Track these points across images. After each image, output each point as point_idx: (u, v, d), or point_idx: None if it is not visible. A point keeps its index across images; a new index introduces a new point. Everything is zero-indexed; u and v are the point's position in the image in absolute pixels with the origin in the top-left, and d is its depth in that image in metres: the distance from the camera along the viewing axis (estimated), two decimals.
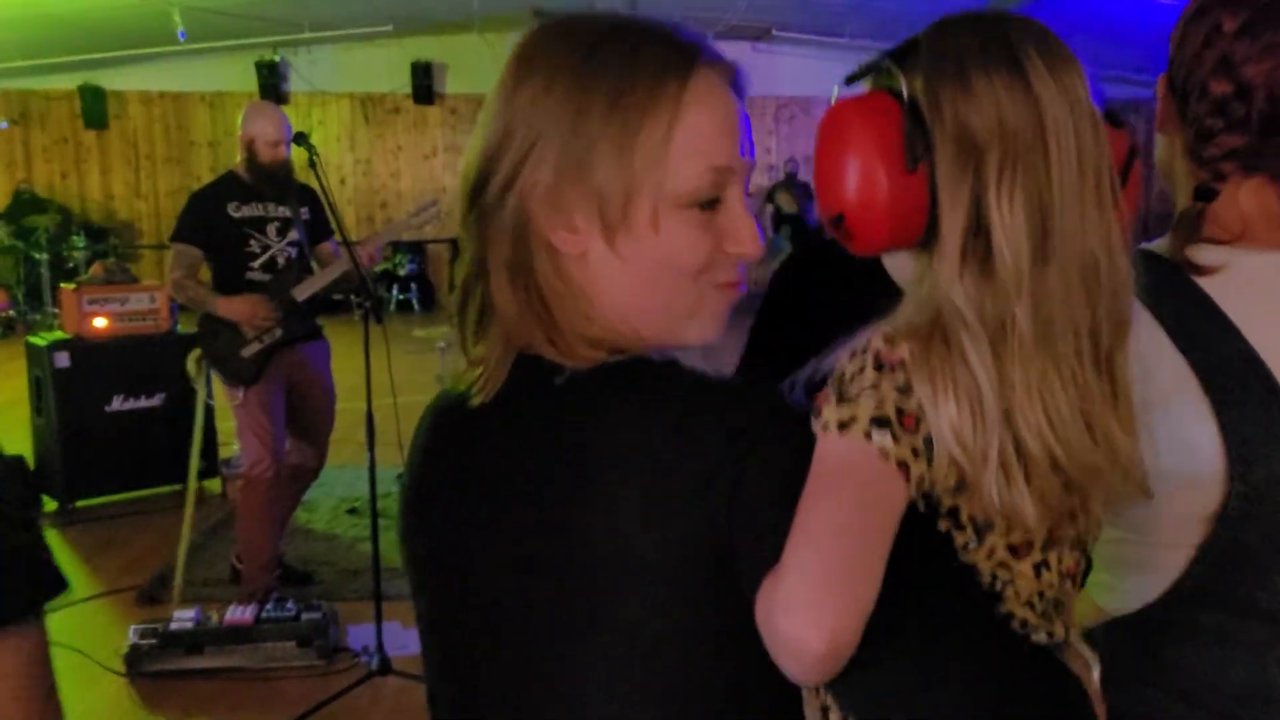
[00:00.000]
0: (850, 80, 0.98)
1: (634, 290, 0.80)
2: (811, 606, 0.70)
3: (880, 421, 0.79)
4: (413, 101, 12.74)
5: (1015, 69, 0.84)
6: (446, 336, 4.92)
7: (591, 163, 0.77)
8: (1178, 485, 0.99)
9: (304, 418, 3.73)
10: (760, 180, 12.11)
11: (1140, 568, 1.07)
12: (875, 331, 0.85)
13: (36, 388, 4.88)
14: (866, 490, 0.77)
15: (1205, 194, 1.03)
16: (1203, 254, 1.01)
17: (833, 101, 0.94)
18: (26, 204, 11.57)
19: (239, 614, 3.23)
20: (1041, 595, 0.90)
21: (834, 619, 0.71)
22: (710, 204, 0.80)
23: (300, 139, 3.46)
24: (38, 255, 10.84)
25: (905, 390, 0.81)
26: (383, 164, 13.10)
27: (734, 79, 0.83)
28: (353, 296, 3.54)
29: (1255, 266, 1.00)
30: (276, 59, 12.09)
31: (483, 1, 9.55)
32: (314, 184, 3.64)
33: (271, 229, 3.63)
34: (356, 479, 4.83)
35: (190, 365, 3.71)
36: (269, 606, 3.29)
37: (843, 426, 0.79)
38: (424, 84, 12.59)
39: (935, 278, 0.86)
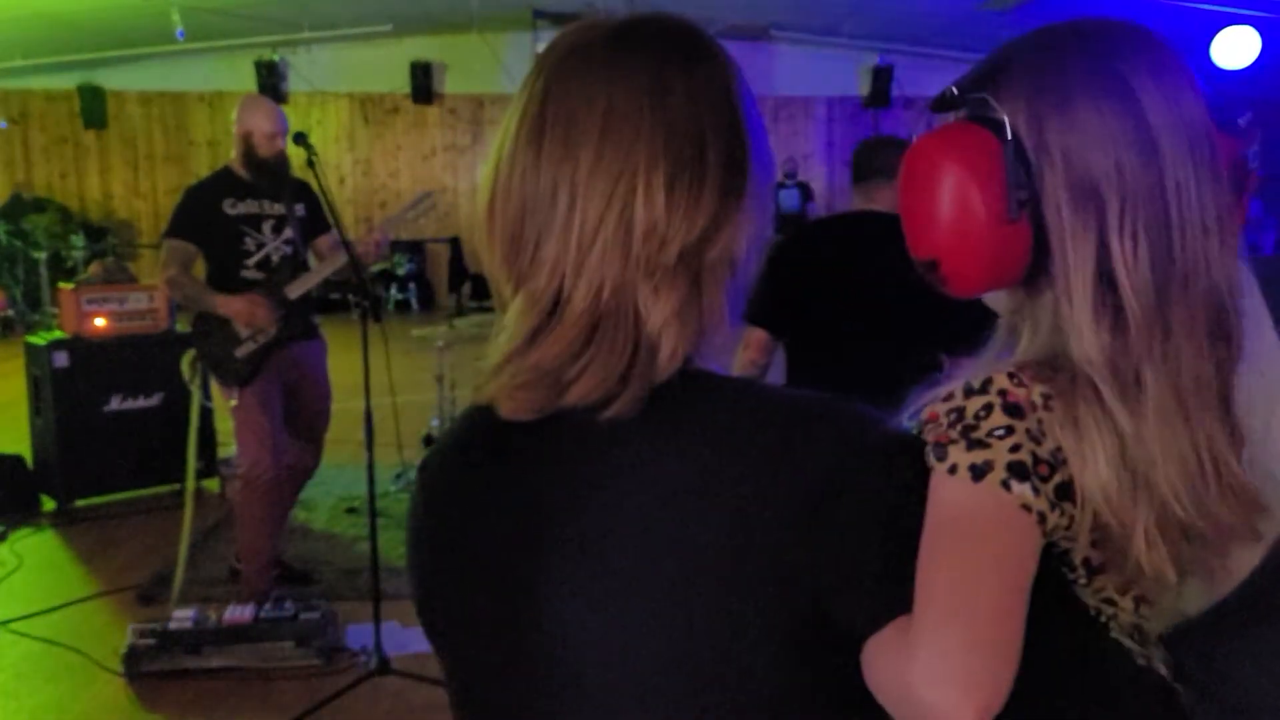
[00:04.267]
0: (937, 108, 0.89)
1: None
2: (960, 679, 0.66)
3: (1019, 471, 0.73)
4: (412, 101, 12.74)
5: (1127, 98, 0.77)
6: (444, 336, 4.92)
7: None
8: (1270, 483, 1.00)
9: (300, 417, 3.72)
10: None
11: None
12: (994, 368, 0.79)
13: (35, 387, 4.87)
14: (1004, 544, 0.71)
15: None
16: None
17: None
18: (25, 203, 11.57)
19: (238, 614, 3.22)
20: (1139, 628, 0.86)
21: (987, 692, 0.66)
22: None
23: (300, 139, 3.45)
24: (36, 255, 10.84)
25: (1038, 437, 0.76)
26: (382, 164, 13.10)
27: None
28: (350, 296, 3.54)
29: None
30: (276, 59, 12.09)
31: (482, 1, 9.56)
32: (311, 181, 3.63)
33: (267, 226, 3.61)
34: (355, 478, 4.83)
35: (184, 366, 3.69)
36: (268, 606, 3.29)
37: (977, 473, 0.72)
38: (423, 84, 12.59)
39: (1060, 323, 0.80)
